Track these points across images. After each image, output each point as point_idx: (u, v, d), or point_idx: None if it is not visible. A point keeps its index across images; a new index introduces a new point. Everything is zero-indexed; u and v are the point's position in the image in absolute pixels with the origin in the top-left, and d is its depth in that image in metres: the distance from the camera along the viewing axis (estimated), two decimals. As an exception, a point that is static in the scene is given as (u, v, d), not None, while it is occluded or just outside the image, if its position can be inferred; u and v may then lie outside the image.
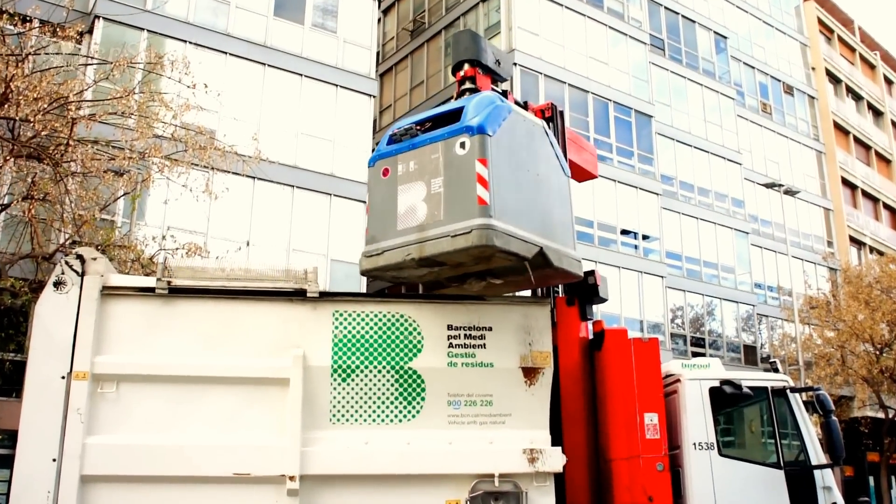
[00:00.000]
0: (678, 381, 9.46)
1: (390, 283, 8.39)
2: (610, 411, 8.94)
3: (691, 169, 37.31)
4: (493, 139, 7.82)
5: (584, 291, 9.31)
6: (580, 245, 29.04)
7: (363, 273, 8.23)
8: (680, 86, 38.14)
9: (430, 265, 7.97)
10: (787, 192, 34.04)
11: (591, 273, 9.33)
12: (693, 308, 35.78)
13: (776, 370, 10.10)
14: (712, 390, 9.35)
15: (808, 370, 32.64)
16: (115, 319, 7.90)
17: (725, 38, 40.94)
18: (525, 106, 9.71)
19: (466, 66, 9.33)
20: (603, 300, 9.40)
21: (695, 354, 33.82)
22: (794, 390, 9.60)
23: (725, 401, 9.37)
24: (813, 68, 46.86)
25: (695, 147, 37.56)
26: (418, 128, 8.33)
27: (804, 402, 9.64)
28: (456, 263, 7.97)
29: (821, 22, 48.66)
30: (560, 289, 9.54)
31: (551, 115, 10.08)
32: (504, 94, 9.46)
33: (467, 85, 9.27)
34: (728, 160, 38.63)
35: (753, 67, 43.54)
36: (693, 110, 38.38)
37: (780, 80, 44.64)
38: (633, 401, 8.83)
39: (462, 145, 7.78)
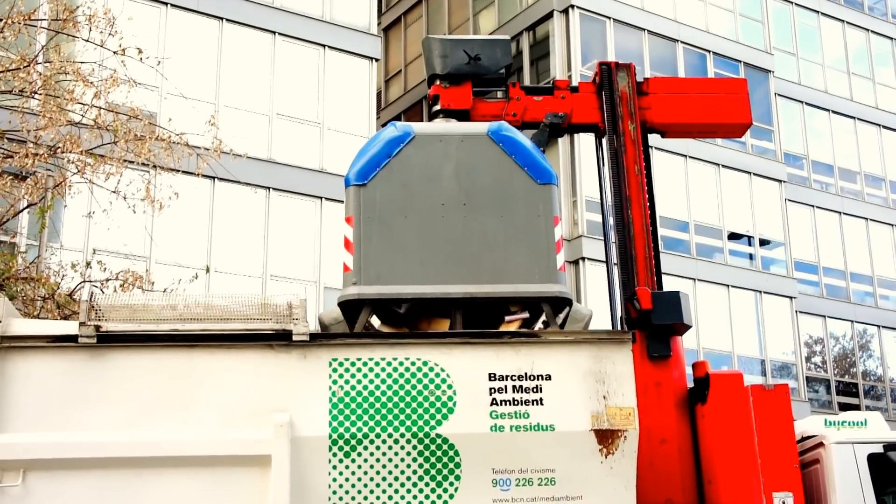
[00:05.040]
0: (821, 445, 9.40)
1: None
2: (723, 491, 8.89)
3: (829, 143, 37.12)
4: (367, 188, 9.01)
5: (640, 320, 9.36)
6: (669, 256, 28.98)
7: None
8: (811, 25, 38.01)
9: None
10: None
11: (634, 296, 9.44)
12: (838, 341, 35.49)
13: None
14: (873, 458, 9.28)
15: None
16: (20, 383, 7.90)
17: (879, -50, 40.80)
18: (551, 89, 10.57)
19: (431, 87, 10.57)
20: (677, 328, 9.41)
21: (843, 407, 33.54)
22: None
23: (893, 474, 9.29)
24: None
25: (834, 111, 37.39)
26: None
27: None
28: None
29: None
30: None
31: (601, 82, 10.49)
32: (507, 89, 10.52)
33: (435, 108, 10.42)
34: (885, 128, 38.38)
35: (921, -9, 43.23)
36: (831, 60, 38.22)
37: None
38: (756, 474, 8.78)
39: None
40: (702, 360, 9.72)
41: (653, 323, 9.38)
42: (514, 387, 8.32)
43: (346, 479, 8.04)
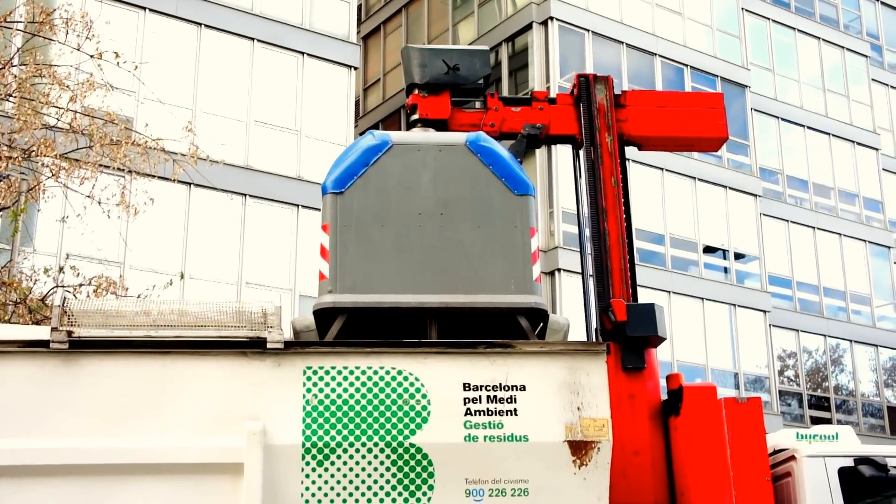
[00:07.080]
0: (793, 458, 9.39)
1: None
2: (695, 503, 8.90)
3: (804, 159, 37.29)
4: (343, 196, 9.03)
5: (614, 332, 9.39)
6: (645, 268, 29.04)
7: None
8: (787, 42, 38.21)
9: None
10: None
11: (608, 307, 9.46)
12: (811, 355, 35.62)
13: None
14: (844, 472, 9.27)
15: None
16: (-8, 387, 7.89)
17: (854, -32, 41.05)
18: (529, 100, 10.58)
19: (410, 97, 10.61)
20: (651, 340, 9.43)
21: (815, 421, 33.66)
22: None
23: (863, 487, 9.29)
24: None
25: (809, 127, 37.57)
26: None
27: None
28: None
29: None
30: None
31: (579, 94, 10.50)
32: (485, 100, 10.55)
33: (413, 117, 10.48)
34: (858, 144, 38.60)
35: (896, 9, 43.51)
36: (806, 76, 38.42)
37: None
38: (728, 487, 8.78)
39: None
40: (676, 372, 9.73)
41: (627, 335, 9.39)
42: (488, 397, 8.31)
43: (319, 488, 8.01)
